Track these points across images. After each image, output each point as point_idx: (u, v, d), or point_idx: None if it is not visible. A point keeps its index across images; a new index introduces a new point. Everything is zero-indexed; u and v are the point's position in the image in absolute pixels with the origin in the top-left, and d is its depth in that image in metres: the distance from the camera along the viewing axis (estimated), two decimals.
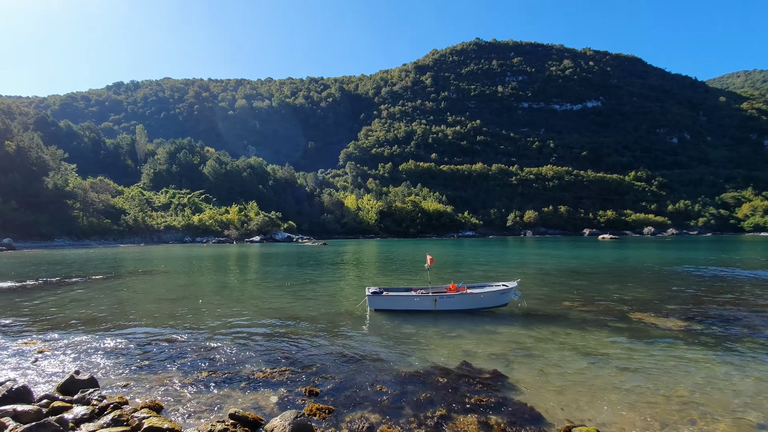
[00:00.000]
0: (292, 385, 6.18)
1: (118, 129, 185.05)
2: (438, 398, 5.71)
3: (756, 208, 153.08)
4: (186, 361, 7.24)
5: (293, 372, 6.66)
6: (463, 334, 9.23)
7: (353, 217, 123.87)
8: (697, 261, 29.05)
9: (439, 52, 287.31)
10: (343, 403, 5.57)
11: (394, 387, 6.10)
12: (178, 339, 8.69)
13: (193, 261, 33.06)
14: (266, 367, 6.84)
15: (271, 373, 6.54)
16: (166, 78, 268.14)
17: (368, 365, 7.07)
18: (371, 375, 6.57)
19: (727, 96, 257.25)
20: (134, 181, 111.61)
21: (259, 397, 5.69)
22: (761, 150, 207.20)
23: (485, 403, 5.55)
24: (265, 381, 6.26)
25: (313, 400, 5.66)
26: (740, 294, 14.52)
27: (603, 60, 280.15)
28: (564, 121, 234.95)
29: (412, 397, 5.72)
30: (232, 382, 6.23)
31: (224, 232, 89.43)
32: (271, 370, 6.64)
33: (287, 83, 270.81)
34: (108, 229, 74.05)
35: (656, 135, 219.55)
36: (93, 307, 12.52)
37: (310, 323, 10.19)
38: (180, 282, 19.25)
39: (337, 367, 6.95)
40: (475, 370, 6.86)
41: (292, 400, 5.65)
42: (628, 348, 8.11)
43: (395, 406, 5.49)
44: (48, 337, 8.96)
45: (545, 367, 7.00)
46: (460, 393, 5.88)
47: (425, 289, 12.14)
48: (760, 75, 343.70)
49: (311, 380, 6.35)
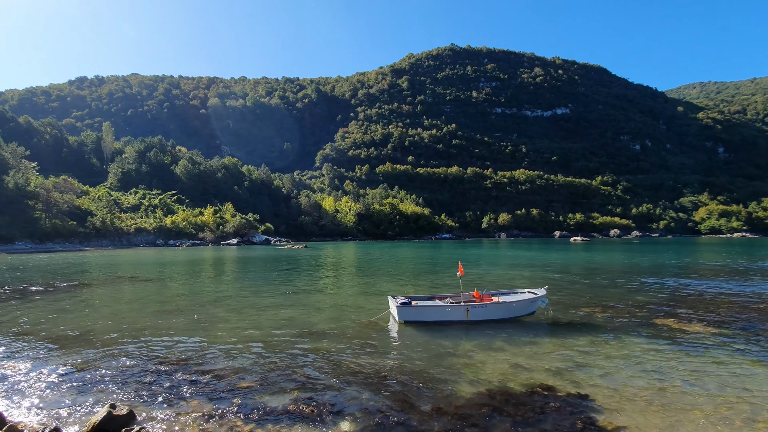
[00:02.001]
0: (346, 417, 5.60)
1: (82, 126, 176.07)
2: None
3: (712, 211, 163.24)
4: (214, 387, 6.56)
5: (339, 403, 5.98)
6: (504, 346, 8.95)
7: (331, 220, 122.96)
8: (679, 264, 30.64)
9: (415, 56, 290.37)
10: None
11: (472, 413, 5.67)
12: (192, 359, 7.98)
13: (174, 266, 31.86)
14: (305, 399, 6.16)
15: (316, 407, 5.86)
16: (134, 74, 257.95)
17: (424, 390, 6.50)
18: (433, 401, 6.07)
19: (684, 106, 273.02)
20: (100, 180, 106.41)
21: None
22: (716, 157, 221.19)
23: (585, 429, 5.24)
24: (310, 417, 5.57)
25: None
26: (730, 295, 15.07)
27: (571, 69, 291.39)
28: (535, 127, 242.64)
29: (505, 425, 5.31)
30: (274, 416, 5.59)
31: (199, 235, 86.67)
32: (312, 406, 5.89)
33: (262, 83, 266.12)
34: (73, 231, 70.22)
35: (620, 142, 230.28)
36: (73, 321, 11.58)
37: (335, 338, 9.56)
38: (170, 292, 18.38)
39: (386, 393, 6.36)
40: (544, 387, 6.54)
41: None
42: (675, 357, 8.16)
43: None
44: (24, 359, 8.06)
45: (609, 382, 6.82)
46: (548, 419, 5.53)
47: (449, 298, 11.82)
48: (714, 86, 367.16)
49: (372, 411, 5.75)
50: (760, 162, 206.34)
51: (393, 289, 18.27)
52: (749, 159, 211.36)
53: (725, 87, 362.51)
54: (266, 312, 12.89)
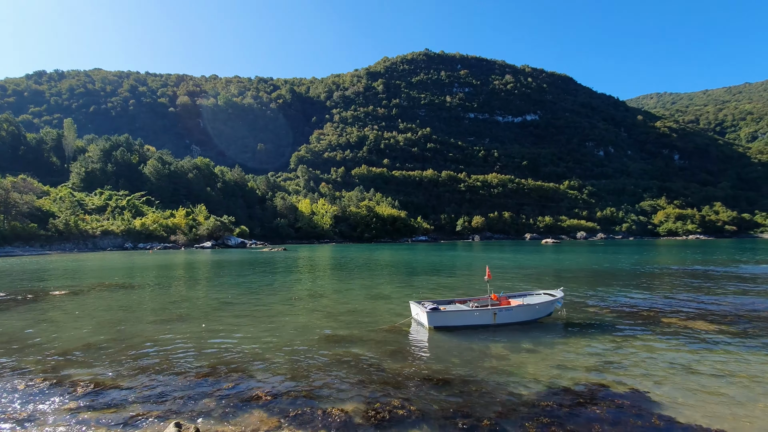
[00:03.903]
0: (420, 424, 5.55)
1: (40, 123, 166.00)
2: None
3: (669, 215, 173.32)
4: (266, 397, 6.41)
5: (408, 410, 5.88)
6: (534, 348, 9.19)
7: (307, 222, 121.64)
8: (648, 261, 32.57)
9: (390, 60, 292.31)
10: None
11: (540, 413, 5.77)
12: (227, 369, 7.71)
13: (152, 271, 30.80)
14: (369, 406, 6.04)
15: (385, 414, 5.76)
16: (97, 69, 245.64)
17: (484, 394, 6.49)
18: (500, 405, 6.10)
19: (643, 115, 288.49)
20: (61, 180, 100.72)
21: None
22: (672, 164, 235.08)
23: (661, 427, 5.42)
24: (384, 425, 5.52)
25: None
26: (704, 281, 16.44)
27: (540, 77, 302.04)
28: (506, 132, 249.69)
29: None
30: (344, 424, 5.53)
31: (171, 238, 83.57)
32: (381, 413, 5.79)
33: (234, 82, 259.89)
34: (34, 234, 66.18)
35: (586, 148, 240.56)
36: (68, 333, 10.97)
37: (365, 345, 9.40)
38: (162, 299, 17.72)
39: (450, 400, 6.31)
40: (597, 385, 6.74)
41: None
42: (696, 352, 8.74)
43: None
44: (37, 376, 7.67)
45: (650, 378, 7.16)
46: (621, 414, 5.72)
47: (469, 301, 12.15)
48: (669, 97, 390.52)
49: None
50: (711, 168, 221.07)
51: (394, 293, 18.55)
52: (702, 166, 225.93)
53: (680, 98, 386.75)
54: (278, 318, 12.72)
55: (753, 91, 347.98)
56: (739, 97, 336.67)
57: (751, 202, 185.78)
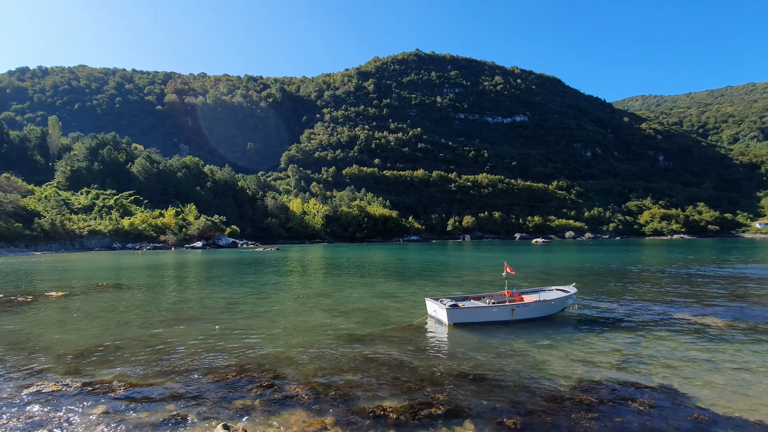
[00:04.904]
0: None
1: (23, 120, 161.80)
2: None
3: (654, 215, 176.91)
4: (304, 396, 6.34)
5: (450, 406, 5.92)
6: (554, 344, 9.31)
7: (299, 222, 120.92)
8: (641, 259, 33.24)
9: (381, 60, 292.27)
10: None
11: (580, 409, 5.85)
12: (256, 369, 7.62)
13: (146, 271, 30.34)
14: (409, 403, 6.05)
15: (428, 410, 5.77)
16: (81, 65, 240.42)
17: (520, 390, 6.58)
18: (541, 399, 6.21)
19: (629, 117, 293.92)
20: (46, 179, 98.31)
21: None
22: (657, 165, 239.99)
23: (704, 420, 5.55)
24: (428, 422, 5.51)
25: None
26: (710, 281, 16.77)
27: (528, 78, 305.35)
28: (496, 133, 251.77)
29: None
30: (388, 423, 5.48)
31: (160, 238, 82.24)
32: (425, 410, 5.79)
33: (223, 80, 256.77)
34: (19, 234, 64.53)
35: (573, 149, 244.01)
36: (77, 334, 10.76)
37: (389, 343, 9.39)
38: (165, 299, 17.51)
39: (492, 396, 6.33)
40: (627, 381, 6.90)
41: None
42: (713, 346, 9.00)
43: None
44: (64, 379, 7.49)
45: (675, 372, 7.37)
46: (658, 408, 5.86)
47: (484, 297, 12.34)
48: (654, 99, 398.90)
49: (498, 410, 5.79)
50: (695, 170, 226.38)
51: (398, 291, 18.60)
52: (685, 167, 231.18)
53: (664, 100, 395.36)
54: (291, 318, 12.67)
55: (734, 94, 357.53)
56: (721, 100, 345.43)
57: (732, 203, 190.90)
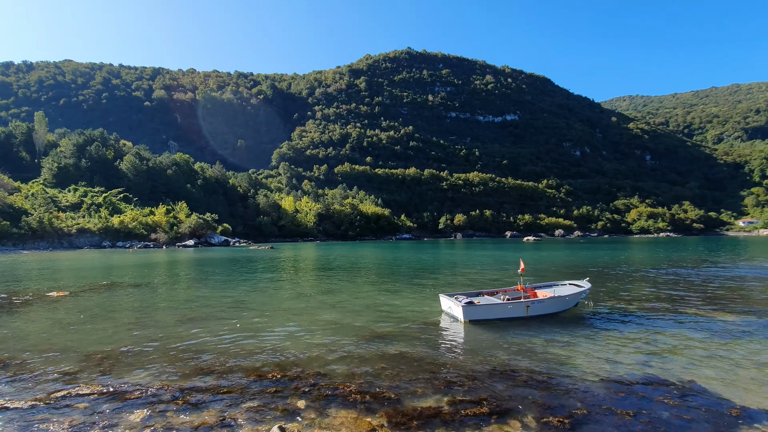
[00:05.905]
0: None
1: (7, 116, 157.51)
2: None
3: (641, 213, 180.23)
4: (348, 396, 6.30)
5: (492, 405, 5.99)
6: (572, 341, 9.38)
7: (291, 220, 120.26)
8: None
9: (373, 58, 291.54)
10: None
11: (616, 408, 5.94)
12: (292, 369, 7.56)
13: (142, 269, 29.91)
14: (450, 401, 6.11)
15: (472, 408, 5.85)
16: (67, 60, 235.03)
17: (555, 387, 6.65)
18: (576, 397, 6.27)
19: (617, 117, 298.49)
20: (32, 176, 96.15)
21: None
22: (644, 164, 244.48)
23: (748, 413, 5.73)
24: (473, 420, 5.55)
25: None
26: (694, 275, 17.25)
27: (519, 78, 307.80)
28: (487, 132, 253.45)
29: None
30: (426, 421, 5.53)
31: (151, 236, 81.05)
32: (467, 409, 5.86)
33: (213, 76, 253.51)
34: (6, 232, 63.12)
35: (563, 148, 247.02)
36: (92, 335, 10.63)
37: (410, 340, 9.41)
38: (174, 297, 17.32)
39: (526, 393, 6.42)
40: (655, 378, 7.02)
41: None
42: (726, 342, 9.23)
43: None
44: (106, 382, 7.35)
45: (697, 369, 7.52)
46: (688, 405, 6.00)
47: (498, 293, 12.55)
48: (641, 100, 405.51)
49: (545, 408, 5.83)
50: (680, 169, 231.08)
51: (402, 288, 18.69)
52: (671, 166, 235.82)
53: (650, 101, 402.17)
54: (305, 316, 12.66)
55: (719, 95, 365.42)
56: (706, 100, 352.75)
57: (716, 202, 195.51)
